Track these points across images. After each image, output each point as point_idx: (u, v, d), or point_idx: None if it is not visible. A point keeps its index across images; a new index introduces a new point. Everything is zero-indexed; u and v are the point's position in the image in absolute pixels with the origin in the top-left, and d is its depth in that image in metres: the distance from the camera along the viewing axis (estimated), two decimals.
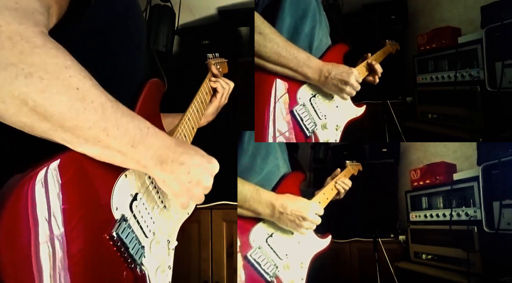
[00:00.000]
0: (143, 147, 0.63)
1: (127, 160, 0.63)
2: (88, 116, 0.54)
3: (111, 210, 0.65)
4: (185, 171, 0.71)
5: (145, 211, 0.74)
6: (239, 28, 2.35)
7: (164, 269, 0.80)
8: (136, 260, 0.70)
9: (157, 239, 0.78)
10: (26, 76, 0.48)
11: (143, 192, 0.74)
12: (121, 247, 0.66)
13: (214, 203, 1.88)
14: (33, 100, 0.49)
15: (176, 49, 2.30)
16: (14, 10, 0.49)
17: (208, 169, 0.76)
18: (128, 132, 0.60)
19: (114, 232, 0.64)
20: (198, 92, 1.06)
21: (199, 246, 1.88)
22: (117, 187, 0.67)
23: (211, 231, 1.88)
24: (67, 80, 0.52)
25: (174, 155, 0.69)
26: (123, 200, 0.68)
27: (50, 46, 0.51)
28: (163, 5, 2.07)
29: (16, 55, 0.47)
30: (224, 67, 1.24)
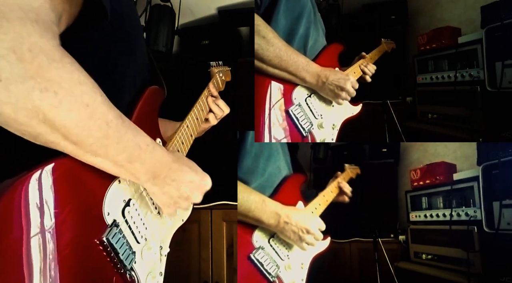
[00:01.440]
0: (139, 163, 0.66)
1: (122, 172, 0.66)
2: (92, 132, 0.56)
3: (102, 215, 0.66)
4: (175, 187, 0.74)
5: (137, 217, 0.75)
6: (239, 28, 2.35)
7: (155, 275, 0.80)
8: (126, 266, 0.70)
9: (149, 245, 0.78)
10: (42, 90, 0.49)
11: (137, 198, 0.75)
12: (111, 252, 0.66)
13: (214, 203, 1.88)
14: (44, 114, 0.50)
15: (176, 49, 2.30)
16: (36, 22, 0.50)
17: (199, 187, 0.79)
18: (127, 149, 0.63)
19: (104, 237, 0.65)
20: (198, 100, 1.05)
21: (199, 246, 1.88)
22: (109, 192, 0.68)
23: (211, 231, 1.88)
24: (79, 96, 0.53)
25: (168, 172, 0.72)
26: (116, 206, 0.69)
27: (67, 61, 0.52)
28: (163, 5, 2.07)
29: (35, 68, 0.48)
30: (227, 75, 1.23)
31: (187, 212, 0.94)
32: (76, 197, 0.61)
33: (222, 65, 1.21)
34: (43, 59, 0.49)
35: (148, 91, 0.80)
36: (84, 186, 0.62)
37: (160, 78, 0.88)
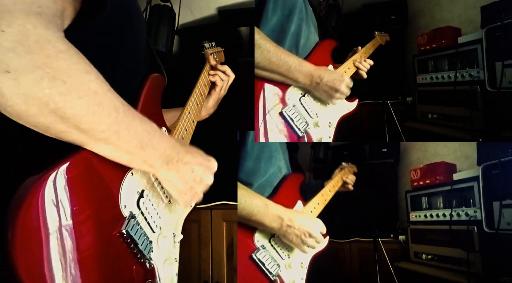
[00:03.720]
0: (151, 148, 0.66)
1: (135, 160, 0.66)
2: (102, 119, 0.57)
3: (119, 208, 0.67)
4: (189, 170, 0.74)
5: (151, 207, 0.76)
6: (239, 28, 2.34)
7: (171, 262, 0.84)
8: (145, 255, 0.73)
9: (164, 234, 0.80)
10: (51, 79, 0.50)
11: (149, 188, 0.76)
12: (131, 243, 0.69)
13: (214, 203, 1.88)
14: (54, 102, 0.51)
15: (176, 49, 2.30)
16: (39, 14, 0.51)
17: (209, 167, 0.80)
18: (137, 135, 0.63)
19: (124, 229, 0.66)
20: (196, 85, 1.07)
21: (199, 246, 1.88)
22: (124, 185, 0.69)
23: (211, 231, 1.88)
24: (87, 84, 0.54)
25: (179, 155, 0.72)
26: (131, 198, 0.71)
27: (72, 52, 0.53)
28: (163, 5, 2.07)
29: (43, 58, 0.49)
30: (221, 56, 1.23)
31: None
32: (93, 194, 0.62)
33: (215, 46, 1.20)
34: (50, 50, 0.50)
35: (150, 79, 0.81)
36: (99, 181, 0.63)
37: (160, 66, 0.89)
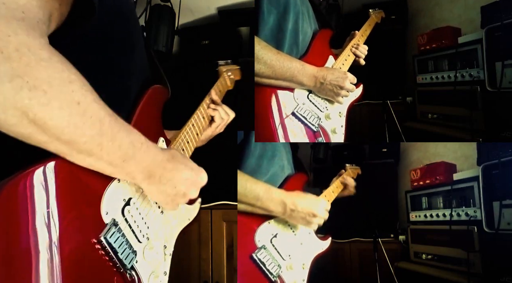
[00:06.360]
0: (134, 162, 0.65)
1: (118, 172, 0.65)
2: (85, 131, 0.55)
3: (100, 215, 0.66)
4: (171, 186, 0.73)
5: (138, 216, 0.74)
6: (239, 28, 2.34)
7: (158, 275, 0.79)
8: (126, 265, 0.69)
9: (151, 245, 0.77)
10: (31, 89, 0.48)
11: (138, 196, 0.74)
12: (109, 252, 0.66)
13: (214, 203, 1.88)
14: (34, 113, 0.49)
15: (176, 49, 2.30)
16: (22, 20, 0.49)
17: (195, 183, 0.78)
18: (121, 147, 0.61)
19: (102, 236, 0.64)
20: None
21: (199, 246, 1.88)
22: (108, 192, 0.67)
23: (211, 231, 1.88)
24: (69, 94, 0.52)
25: (163, 172, 0.71)
26: (115, 205, 0.69)
27: (55, 60, 0.51)
28: (163, 5, 2.06)
29: (22, 67, 0.47)
30: (237, 74, 1.22)
31: (194, 211, 0.94)
32: (75, 195, 0.61)
33: (231, 64, 1.19)
34: (30, 58, 0.48)
35: (151, 90, 0.80)
36: (83, 184, 0.63)
37: (164, 78, 0.88)
